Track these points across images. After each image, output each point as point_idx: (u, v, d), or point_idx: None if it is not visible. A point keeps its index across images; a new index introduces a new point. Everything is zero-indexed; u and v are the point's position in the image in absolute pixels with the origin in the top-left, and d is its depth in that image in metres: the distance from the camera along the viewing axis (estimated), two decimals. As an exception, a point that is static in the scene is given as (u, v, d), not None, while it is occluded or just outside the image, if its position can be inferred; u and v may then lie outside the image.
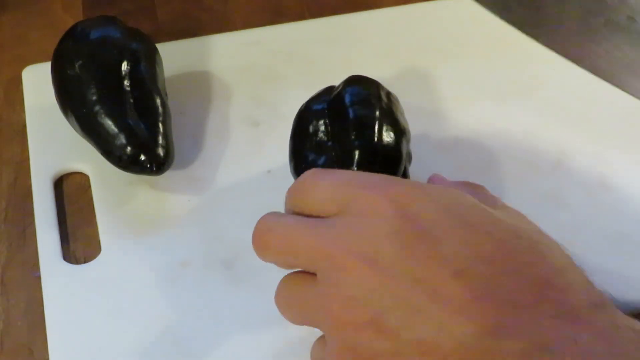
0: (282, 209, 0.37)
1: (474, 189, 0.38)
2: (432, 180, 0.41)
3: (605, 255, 0.44)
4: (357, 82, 0.43)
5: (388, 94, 0.44)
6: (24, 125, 0.50)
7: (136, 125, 0.45)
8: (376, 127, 0.40)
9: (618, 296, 0.42)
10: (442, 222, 0.30)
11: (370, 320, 0.29)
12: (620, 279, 0.43)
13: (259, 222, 0.35)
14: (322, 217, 0.33)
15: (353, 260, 0.30)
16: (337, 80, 0.45)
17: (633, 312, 0.42)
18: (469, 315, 0.28)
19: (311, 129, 0.43)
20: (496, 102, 0.53)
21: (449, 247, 0.29)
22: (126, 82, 0.46)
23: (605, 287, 0.42)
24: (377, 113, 0.41)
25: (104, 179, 0.47)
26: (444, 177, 0.41)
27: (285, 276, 0.35)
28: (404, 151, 0.41)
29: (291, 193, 0.35)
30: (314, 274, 0.32)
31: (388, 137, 0.41)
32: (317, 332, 0.35)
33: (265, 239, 0.34)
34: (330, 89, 0.45)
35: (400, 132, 0.41)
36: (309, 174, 0.35)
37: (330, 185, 0.33)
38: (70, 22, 0.49)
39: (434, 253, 0.29)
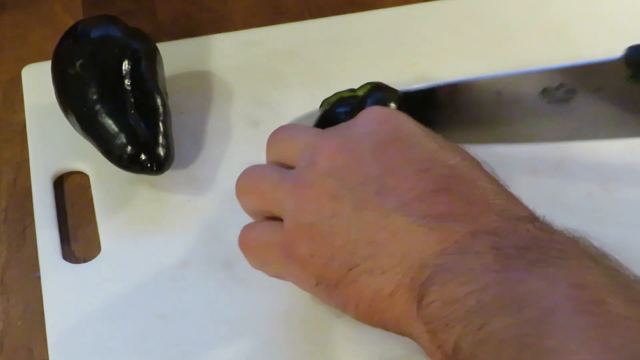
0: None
1: None
2: None
3: (605, 256, 0.44)
4: (380, 90, 0.45)
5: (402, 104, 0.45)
6: (24, 126, 0.50)
7: (137, 125, 0.45)
8: None
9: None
10: (418, 135, 0.35)
11: (331, 195, 0.33)
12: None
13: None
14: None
15: (334, 147, 0.35)
16: (336, 81, 0.45)
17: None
18: (426, 202, 0.32)
19: None
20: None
21: (419, 152, 0.34)
22: (127, 82, 0.46)
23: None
24: None
25: (104, 178, 0.47)
26: None
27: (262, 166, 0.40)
28: None
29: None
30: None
31: None
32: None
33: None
34: (351, 91, 0.45)
35: None
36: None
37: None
38: (70, 22, 0.49)
39: (405, 153, 0.34)
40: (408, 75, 0.54)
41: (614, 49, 0.56)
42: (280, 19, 0.60)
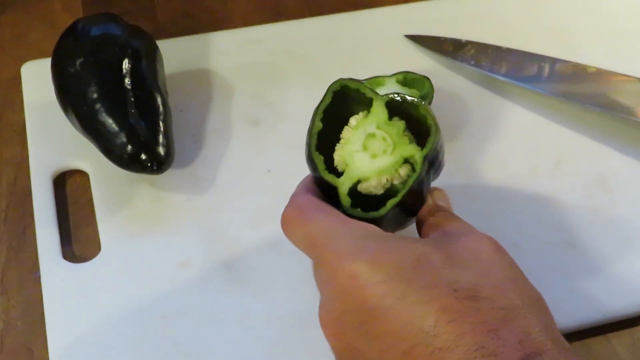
0: (281, 210, 0.37)
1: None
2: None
3: (605, 256, 0.44)
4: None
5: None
6: (24, 126, 0.50)
7: (137, 124, 0.45)
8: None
9: (615, 297, 0.42)
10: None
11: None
12: (620, 279, 0.43)
13: None
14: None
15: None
16: (336, 79, 0.45)
17: (633, 314, 0.42)
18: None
19: None
20: (496, 103, 0.53)
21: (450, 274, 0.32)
22: (127, 80, 0.46)
23: (603, 288, 0.43)
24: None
25: (104, 177, 0.47)
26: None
27: None
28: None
29: (281, 228, 0.37)
30: None
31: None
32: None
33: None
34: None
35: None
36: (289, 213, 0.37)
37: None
38: (70, 22, 0.49)
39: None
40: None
41: (614, 49, 0.57)
42: (280, 19, 0.60)
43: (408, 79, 0.49)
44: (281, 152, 0.49)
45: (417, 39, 0.57)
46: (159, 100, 0.46)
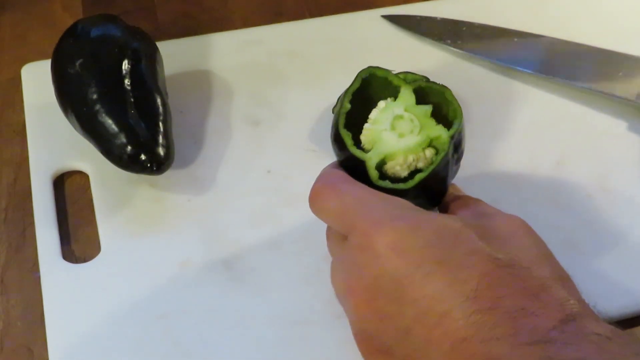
0: (281, 210, 0.38)
1: (476, 204, 0.40)
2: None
3: (605, 256, 0.44)
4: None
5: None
6: (24, 126, 0.50)
7: (136, 125, 0.45)
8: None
9: (615, 297, 0.42)
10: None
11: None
12: (620, 279, 0.43)
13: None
14: None
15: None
16: (336, 80, 0.45)
17: (633, 314, 0.42)
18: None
19: None
20: (497, 103, 0.53)
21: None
22: (127, 81, 0.46)
23: (604, 288, 0.43)
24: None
25: (104, 177, 0.47)
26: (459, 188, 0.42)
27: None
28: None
29: (309, 202, 0.38)
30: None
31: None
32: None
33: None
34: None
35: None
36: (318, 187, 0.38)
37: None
38: (70, 22, 0.49)
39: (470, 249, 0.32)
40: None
41: (614, 49, 0.57)
42: (280, 19, 0.60)
43: (408, 79, 0.49)
44: (281, 152, 0.49)
45: (394, 20, 0.58)
46: (159, 101, 0.46)
